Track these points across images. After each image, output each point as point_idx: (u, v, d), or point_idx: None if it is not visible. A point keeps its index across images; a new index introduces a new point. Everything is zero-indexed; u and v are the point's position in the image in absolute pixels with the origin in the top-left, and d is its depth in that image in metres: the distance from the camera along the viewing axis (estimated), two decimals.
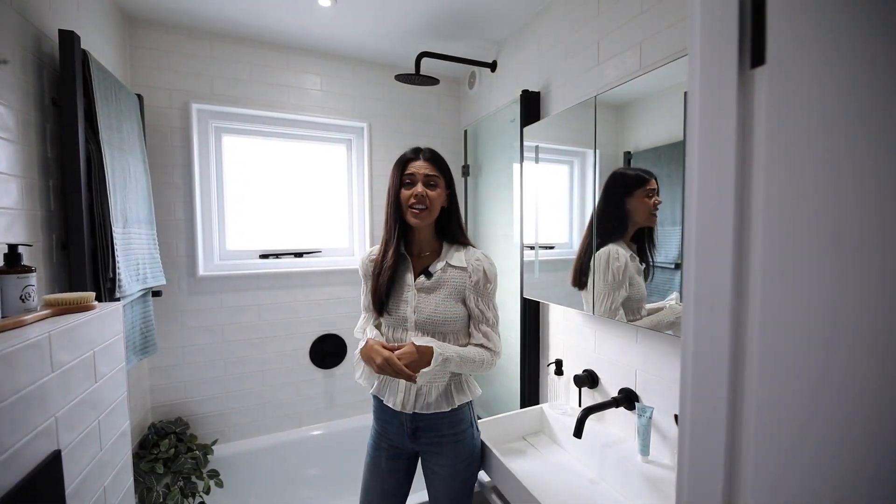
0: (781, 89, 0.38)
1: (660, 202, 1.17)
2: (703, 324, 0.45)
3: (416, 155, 1.11)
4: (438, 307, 1.09)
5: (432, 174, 1.09)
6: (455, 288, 1.11)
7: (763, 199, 0.39)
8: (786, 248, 0.37)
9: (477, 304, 1.11)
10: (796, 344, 0.36)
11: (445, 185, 1.12)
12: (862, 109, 0.32)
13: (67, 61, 1.18)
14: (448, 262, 1.12)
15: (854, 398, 0.33)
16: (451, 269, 1.12)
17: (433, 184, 1.09)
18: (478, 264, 1.12)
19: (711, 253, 0.44)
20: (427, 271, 1.12)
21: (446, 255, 1.14)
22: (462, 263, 1.12)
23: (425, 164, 1.09)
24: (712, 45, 0.43)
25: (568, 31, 1.56)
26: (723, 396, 0.43)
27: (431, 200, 1.08)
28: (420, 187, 1.07)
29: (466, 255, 1.14)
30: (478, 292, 1.11)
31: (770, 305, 0.38)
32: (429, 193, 1.07)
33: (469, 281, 1.11)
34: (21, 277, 0.88)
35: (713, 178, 0.44)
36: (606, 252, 1.31)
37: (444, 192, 1.12)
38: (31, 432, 0.73)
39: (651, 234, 1.19)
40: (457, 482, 1.14)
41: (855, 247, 0.33)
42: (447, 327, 1.09)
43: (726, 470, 0.43)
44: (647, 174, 1.20)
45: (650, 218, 1.20)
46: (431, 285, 1.11)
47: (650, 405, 1.21)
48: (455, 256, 1.13)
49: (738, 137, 0.41)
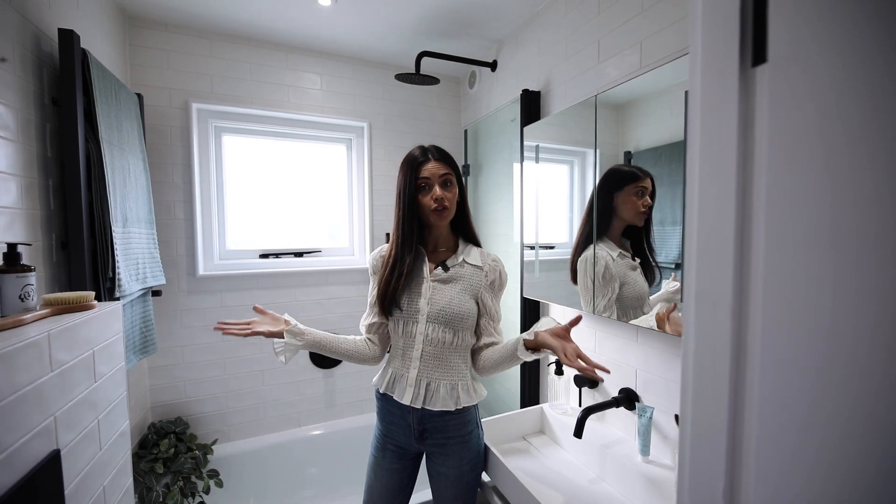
0: (783, 87, 0.37)
1: (649, 203, 1.16)
2: (704, 322, 0.45)
3: (425, 155, 1.09)
4: (453, 300, 1.09)
5: (445, 172, 1.08)
6: (470, 284, 1.12)
7: (765, 196, 0.39)
8: (787, 245, 0.37)
9: (492, 304, 1.15)
10: (799, 343, 0.36)
11: (457, 181, 1.12)
12: (864, 108, 0.32)
13: (67, 60, 1.18)
14: (465, 259, 1.14)
15: (857, 398, 0.33)
16: (468, 265, 1.14)
17: (449, 183, 1.09)
18: (494, 265, 1.15)
19: (712, 251, 0.44)
20: (444, 264, 1.13)
21: (462, 251, 1.16)
22: (478, 262, 1.14)
23: (437, 164, 1.08)
24: (713, 43, 0.43)
25: (568, 29, 1.56)
26: (724, 396, 0.43)
27: (450, 200, 1.09)
28: (438, 190, 1.07)
29: (482, 255, 1.17)
30: (493, 292, 1.15)
31: (772, 304, 0.38)
32: (446, 195, 1.08)
33: (485, 280, 1.13)
34: (20, 276, 0.88)
35: (714, 175, 0.43)
36: (584, 259, 1.34)
37: (457, 188, 1.12)
38: (29, 432, 0.73)
39: (648, 234, 1.18)
40: (462, 484, 1.14)
41: (857, 245, 0.32)
42: (458, 322, 1.09)
43: (728, 470, 0.42)
44: (641, 172, 1.19)
45: (638, 216, 1.19)
46: (447, 277, 1.12)
47: (650, 405, 1.21)
48: (471, 254, 1.15)
49: (739, 136, 0.41)
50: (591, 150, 1.37)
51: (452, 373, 1.10)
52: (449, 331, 1.09)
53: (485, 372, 1.15)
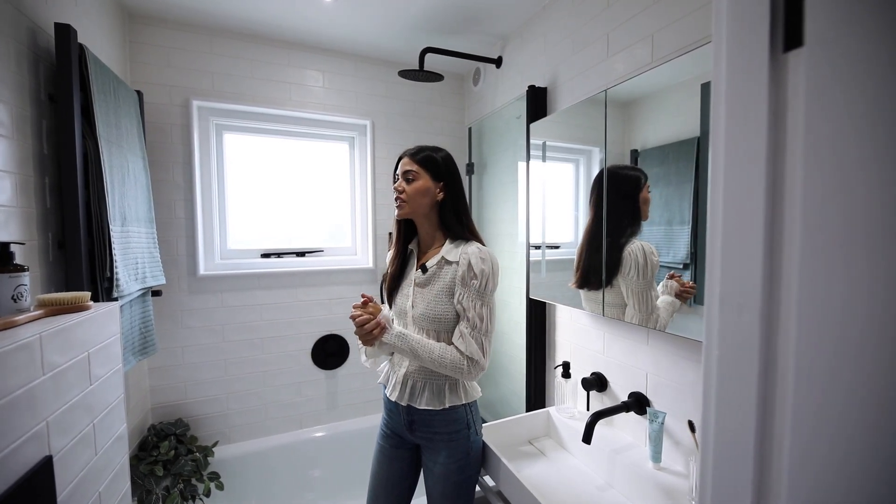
0: (823, 73, 0.34)
1: (647, 198, 1.18)
2: (728, 327, 0.42)
3: (404, 154, 1.15)
4: (430, 303, 1.08)
5: (409, 168, 1.11)
6: (446, 283, 1.07)
7: (801, 192, 0.36)
8: (826, 246, 0.34)
9: (460, 300, 1.05)
10: (839, 351, 0.33)
11: (433, 178, 1.11)
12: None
13: (64, 55, 1.15)
14: (444, 257, 1.10)
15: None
16: (446, 264, 1.09)
17: (410, 178, 1.11)
18: (465, 258, 1.05)
19: (739, 251, 0.41)
20: (424, 266, 1.12)
21: (444, 250, 1.11)
22: (455, 258, 1.08)
23: (407, 160, 1.13)
24: (740, 27, 0.40)
25: (576, 23, 1.52)
26: (752, 406, 0.40)
27: (408, 194, 1.10)
28: (399, 182, 1.12)
29: (462, 250, 1.08)
30: (463, 287, 1.05)
31: (809, 309, 0.35)
32: (406, 188, 1.10)
33: (457, 275, 1.06)
34: (13, 276, 0.85)
35: (741, 169, 0.41)
36: (640, 247, 1.20)
37: (433, 185, 1.11)
38: (19, 438, 0.71)
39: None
40: (449, 483, 1.12)
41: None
42: (438, 325, 1.07)
43: (756, 485, 0.40)
44: (642, 174, 1.19)
45: (643, 216, 1.20)
46: (425, 280, 1.11)
47: (662, 410, 1.17)
48: (452, 251, 1.09)
49: (769, 126, 0.38)
50: (596, 148, 1.35)
51: (439, 373, 1.09)
52: (432, 333, 1.09)
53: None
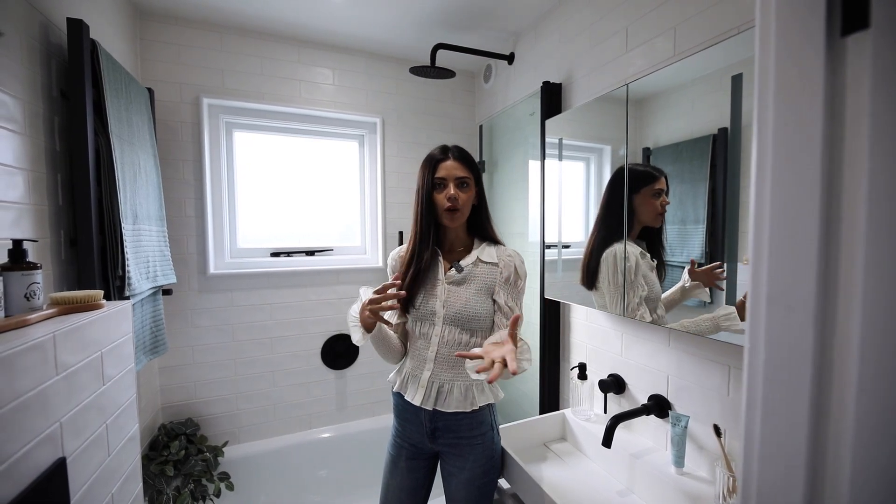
0: (890, 59, 0.31)
1: (667, 202, 1.14)
2: (776, 329, 0.40)
3: (445, 155, 1.08)
4: (469, 302, 1.08)
5: (463, 175, 1.07)
6: (485, 283, 1.10)
7: (867, 185, 0.33)
8: (892, 241, 0.31)
9: (507, 301, 1.09)
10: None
11: (475, 184, 1.11)
12: None
13: (76, 51, 1.14)
14: (479, 258, 1.12)
15: None
16: (482, 264, 1.11)
17: (465, 185, 1.07)
18: (509, 260, 1.11)
19: (789, 248, 0.38)
20: (458, 265, 1.11)
21: (477, 250, 1.13)
22: (493, 259, 1.12)
23: (455, 164, 1.07)
24: (791, 10, 0.37)
25: (593, 17, 1.49)
26: (804, 413, 0.37)
27: (463, 202, 1.07)
28: (452, 189, 1.05)
29: (498, 251, 1.13)
30: (508, 288, 1.10)
31: (875, 309, 0.32)
32: (460, 195, 1.06)
33: (500, 276, 1.10)
34: (26, 274, 0.84)
35: (793, 161, 0.38)
36: (613, 252, 1.28)
37: (475, 191, 1.11)
38: (33, 440, 0.69)
39: (660, 233, 1.17)
40: (473, 487, 1.11)
41: None
42: (475, 323, 1.08)
43: (807, 500, 0.37)
44: (657, 171, 1.16)
45: (657, 218, 1.18)
46: (461, 279, 1.10)
47: (685, 413, 1.14)
48: (486, 252, 1.13)
49: (825, 115, 0.36)
50: (608, 146, 1.34)
51: (465, 373, 1.08)
52: (465, 332, 1.08)
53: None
